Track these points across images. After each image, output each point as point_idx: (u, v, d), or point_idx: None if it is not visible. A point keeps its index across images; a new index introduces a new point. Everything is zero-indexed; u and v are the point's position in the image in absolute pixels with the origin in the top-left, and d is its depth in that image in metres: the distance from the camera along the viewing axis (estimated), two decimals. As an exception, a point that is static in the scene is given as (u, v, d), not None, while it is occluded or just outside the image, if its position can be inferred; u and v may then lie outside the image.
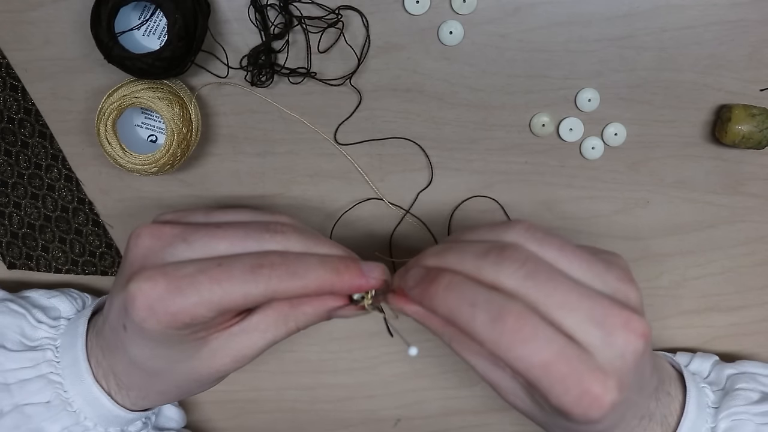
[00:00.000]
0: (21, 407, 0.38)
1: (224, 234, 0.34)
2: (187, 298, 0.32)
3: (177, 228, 0.35)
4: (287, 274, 0.33)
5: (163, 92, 0.41)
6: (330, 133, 0.45)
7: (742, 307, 0.48)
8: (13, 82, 0.44)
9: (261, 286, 0.32)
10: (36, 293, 0.44)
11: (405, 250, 0.47)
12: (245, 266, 0.32)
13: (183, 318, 0.32)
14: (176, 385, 0.37)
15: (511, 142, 0.45)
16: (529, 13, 0.43)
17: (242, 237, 0.34)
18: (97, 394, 0.38)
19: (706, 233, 0.47)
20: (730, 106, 0.43)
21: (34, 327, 0.41)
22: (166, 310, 0.32)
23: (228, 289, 0.32)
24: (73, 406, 0.38)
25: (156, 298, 0.32)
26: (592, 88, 0.44)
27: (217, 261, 0.33)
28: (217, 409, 0.50)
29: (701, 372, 0.44)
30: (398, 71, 0.44)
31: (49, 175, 0.46)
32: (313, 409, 0.50)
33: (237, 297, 0.32)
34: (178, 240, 0.34)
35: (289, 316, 0.36)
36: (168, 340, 0.34)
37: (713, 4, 0.43)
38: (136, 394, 0.38)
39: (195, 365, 0.36)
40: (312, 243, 0.35)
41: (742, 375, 0.42)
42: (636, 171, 0.46)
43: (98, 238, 0.47)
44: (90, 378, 0.38)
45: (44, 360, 0.39)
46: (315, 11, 0.42)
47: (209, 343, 0.35)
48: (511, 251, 0.31)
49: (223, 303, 0.32)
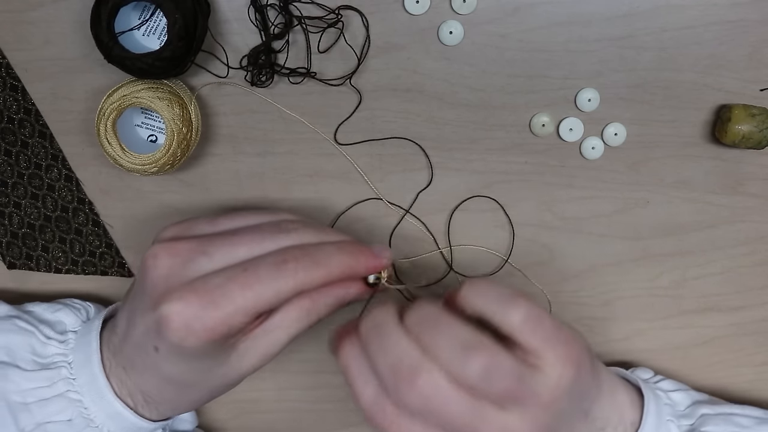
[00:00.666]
0: (43, 425, 0.38)
1: (241, 240, 0.35)
2: (222, 309, 0.32)
3: (192, 242, 0.35)
4: (312, 264, 0.34)
5: (163, 92, 0.41)
6: (330, 133, 0.45)
7: (742, 307, 0.48)
8: (13, 82, 0.44)
9: (290, 281, 0.33)
10: (39, 307, 0.43)
11: (405, 250, 0.47)
12: (270, 265, 0.33)
13: (221, 330, 0.33)
14: (209, 392, 0.38)
15: (511, 142, 0.45)
16: (529, 13, 0.43)
17: (259, 240, 0.35)
18: (120, 410, 0.38)
19: (706, 233, 0.47)
20: (730, 106, 0.43)
21: (43, 344, 0.41)
22: (204, 325, 0.32)
23: (259, 291, 0.32)
24: (96, 422, 0.39)
25: (192, 317, 0.32)
26: (592, 88, 0.44)
27: (242, 267, 0.33)
28: (218, 409, 0.50)
29: (678, 404, 0.43)
30: (398, 71, 0.44)
31: (49, 175, 0.46)
32: (314, 409, 0.50)
33: (269, 296, 0.33)
34: (197, 254, 0.34)
35: (312, 310, 0.36)
36: (205, 353, 0.34)
37: (713, 4, 0.43)
38: (166, 407, 0.39)
39: (226, 371, 0.36)
40: (323, 234, 0.36)
41: (715, 416, 0.41)
42: (636, 171, 0.46)
43: (98, 238, 0.47)
44: (111, 395, 0.38)
45: (60, 378, 0.39)
46: (315, 11, 0.42)
47: (237, 348, 0.36)
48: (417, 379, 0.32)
49: (258, 306, 0.33)
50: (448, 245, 0.47)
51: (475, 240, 0.47)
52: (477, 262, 0.47)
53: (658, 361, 0.49)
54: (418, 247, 0.47)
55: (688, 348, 0.49)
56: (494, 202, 0.46)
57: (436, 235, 0.47)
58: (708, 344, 0.49)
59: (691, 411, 0.42)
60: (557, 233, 0.47)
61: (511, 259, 0.47)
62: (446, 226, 0.47)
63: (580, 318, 0.48)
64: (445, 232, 0.47)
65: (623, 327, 0.48)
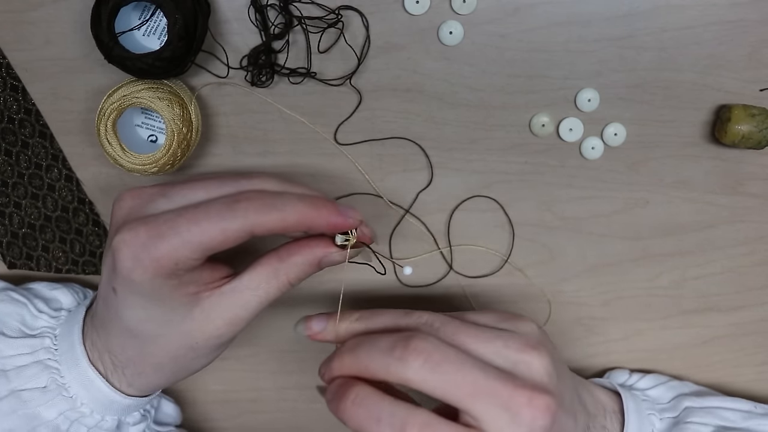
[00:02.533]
0: (17, 392, 0.38)
1: (202, 184, 0.35)
2: (167, 241, 0.32)
3: (156, 187, 0.36)
4: (265, 206, 0.33)
5: (163, 92, 0.41)
6: (330, 133, 0.45)
7: (742, 307, 0.48)
8: (14, 82, 0.44)
9: (239, 220, 0.33)
10: (39, 285, 0.44)
11: (405, 250, 0.47)
12: (221, 204, 0.33)
13: (167, 263, 0.33)
14: (172, 354, 0.37)
15: (511, 142, 0.45)
16: (529, 13, 0.43)
17: (219, 184, 0.35)
18: (92, 377, 0.38)
19: (706, 233, 0.47)
20: (730, 106, 0.43)
21: (34, 316, 0.41)
22: (150, 255, 0.32)
23: (206, 227, 0.32)
24: (70, 392, 0.38)
25: (139, 246, 0.32)
26: (592, 88, 0.44)
27: (195, 204, 0.33)
28: (218, 409, 0.51)
29: (660, 399, 0.44)
30: (398, 71, 0.44)
31: (50, 175, 0.46)
32: (314, 408, 0.50)
33: (215, 233, 0.32)
34: (157, 196, 0.35)
35: (279, 269, 0.36)
36: (159, 294, 0.34)
37: (713, 4, 0.43)
38: (131, 370, 0.38)
39: (188, 327, 0.36)
40: (288, 184, 0.36)
41: (699, 409, 0.42)
42: (636, 171, 0.46)
43: (98, 238, 0.47)
44: (85, 361, 0.38)
45: (42, 347, 0.39)
46: (315, 11, 0.42)
47: (200, 303, 0.35)
48: (417, 342, 0.32)
49: (204, 241, 0.32)
50: (448, 245, 0.47)
51: (475, 240, 0.47)
52: (477, 262, 0.47)
53: (658, 361, 0.49)
54: (418, 247, 0.47)
55: (688, 348, 0.49)
56: (494, 202, 0.46)
57: (436, 235, 0.47)
58: (708, 344, 0.49)
59: (675, 404, 0.43)
60: (557, 233, 0.47)
61: (511, 259, 0.47)
62: (446, 226, 0.47)
63: (579, 318, 0.48)
64: (445, 232, 0.47)
65: (623, 327, 0.48)
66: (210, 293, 0.35)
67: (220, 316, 0.36)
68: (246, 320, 0.36)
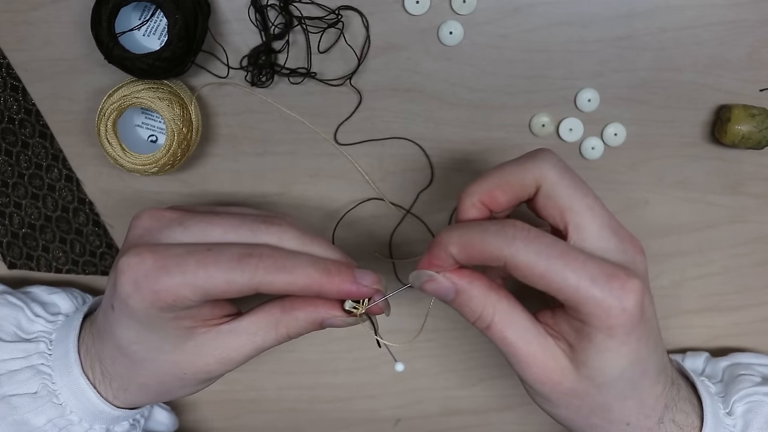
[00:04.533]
0: (7, 398, 0.38)
1: (219, 221, 0.34)
2: (171, 277, 0.32)
3: (176, 213, 0.35)
4: (275, 267, 0.32)
5: (163, 92, 0.41)
6: (330, 133, 0.45)
7: (742, 307, 0.48)
8: (14, 82, 0.44)
9: (246, 275, 0.32)
10: (37, 289, 0.44)
11: (405, 250, 0.47)
12: (233, 254, 0.32)
13: (166, 297, 0.32)
14: (158, 379, 0.36)
15: (511, 142, 0.45)
16: (529, 13, 0.43)
17: (237, 225, 0.34)
18: (83, 386, 0.38)
19: (706, 233, 0.47)
20: (730, 106, 0.43)
21: (30, 320, 0.41)
22: (150, 287, 0.32)
23: (213, 274, 0.32)
24: (60, 399, 0.38)
25: (142, 274, 0.32)
26: (592, 88, 0.44)
27: (207, 246, 0.33)
28: (217, 409, 0.50)
29: (695, 369, 0.45)
30: (398, 71, 0.44)
31: (50, 175, 0.46)
32: (313, 409, 0.50)
33: (220, 283, 0.32)
34: (175, 224, 0.34)
35: (281, 321, 0.35)
36: (153, 323, 0.34)
37: (713, 4, 0.43)
38: (117, 384, 0.38)
39: (178, 358, 0.35)
40: (308, 240, 0.35)
41: (737, 365, 0.44)
42: (636, 171, 0.46)
43: (99, 238, 0.47)
44: (78, 369, 0.38)
45: (36, 351, 0.39)
46: (315, 11, 0.42)
47: (195, 337, 0.35)
48: (520, 231, 0.32)
49: (207, 287, 0.32)
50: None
51: (475, 240, 0.47)
52: (477, 262, 0.47)
53: (658, 361, 0.49)
54: (418, 248, 0.47)
55: (688, 348, 0.49)
56: (494, 202, 0.46)
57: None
58: (708, 344, 0.49)
59: (711, 368, 0.45)
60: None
61: (511, 259, 0.47)
62: (446, 226, 0.47)
63: (580, 318, 0.48)
64: (445, 232, 0.47)
65: (623, 327, 0.48)
66: (207, 330, 0.35)
67: (212, 354, 0.35)
68: (237, 363, 0.36)
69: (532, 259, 0.31)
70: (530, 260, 0.31)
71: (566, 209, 0.33)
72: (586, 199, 0.34)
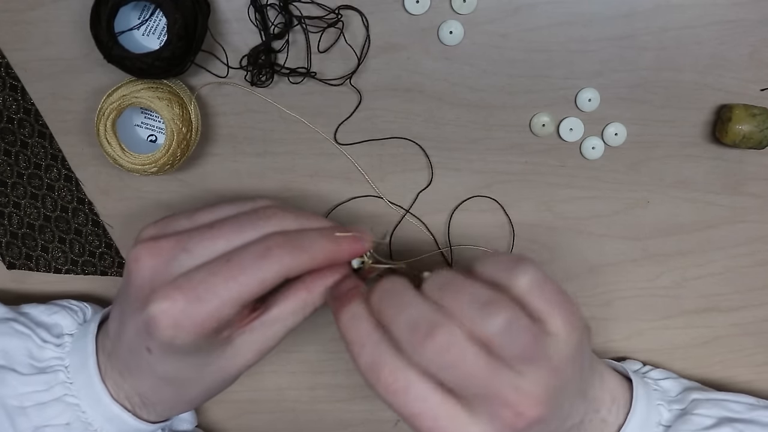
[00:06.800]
0: (41, 429, 0.38)
1: (220, 232, 0.34)
2: (208, 303, 0.32)
3: (171, 240, 0.34)
4: (296, 250, 0.33)
5: (162, 92, 0.41)
6: (330, 133, 0.45)
7: (742, 307, 0.48)
8: (13, 81, 0.44)
9: (275, 268, 0.33)
10: (36, 309, 0.43)
11: (405, 250, 0.47)
12: (254, 254, 0.33)
13: (211, 324, 0.33)
14: (205, 389, 0.38)
15: (511, 142, 0.45)
16: (529, 13, 0.43)
17: (238, 230, 0.34)
18: (118, 412, 0.38)
19: (706, 233, 0.47)
20: (731, 106, 0.43)
21: (40, 347, 0.41)
22: (193, 321, 0.32)
23: (243, 281, 0.32)
24: (94, 425, 0.39)
25: (179, 314, 0.32)
26: (592, 88, 0.44)
27: (225, 258, 0.33)
28: (217, 409, 0.50)
29: (669, 391, 0.44)
30: (398, 71, 0.44)
31: (49, 175, 0.46)
32: (313, 409, 0.50)
33: (254, 285, 0.32)
34: (178, 251, 0.34)
35: (308, 300, 0.36)
36: (200, 348, 0.34)
37: (713, 4, 0.43)
38: (163, 407, 0.39)
39: (222, 365, 0.36)
40: (302, 217, 0.36)
41: (706, 401, 0.42)
42: (636, 171, 0.46)
43: (98, 238, 0.47)
44: (108, 398, 0.38)
45: (57, 383, 0.39)
46: (315, 11, 0.42)
47: (233, 342, 0.35)
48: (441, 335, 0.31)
49: (244, 296, 0.33)
50: (448, 245, 0.47)
51: (475, 240, 0.47)
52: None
53: (658, 362, 0.49)
54: (418, 247, 0.47)
55: (688, 348, 0.49)
56: (494, 202, 0.46)
57: (436, 235, 0.47)
58: (708, 344, 0.49)
59: (683, 396, 0.43)
60: (557, 233, 0.47)
61: (511, 259, 0.47)
62: (446, 226, 0.47)
63: (580, 318, 0.48)
64: (445, 232, 0.47)
65: (623, 327, 0.48)
66: (242, 331, 0.35)
67: (251, 350, 0.36)
68: (273, 347, 0.37)
69: None
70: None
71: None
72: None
